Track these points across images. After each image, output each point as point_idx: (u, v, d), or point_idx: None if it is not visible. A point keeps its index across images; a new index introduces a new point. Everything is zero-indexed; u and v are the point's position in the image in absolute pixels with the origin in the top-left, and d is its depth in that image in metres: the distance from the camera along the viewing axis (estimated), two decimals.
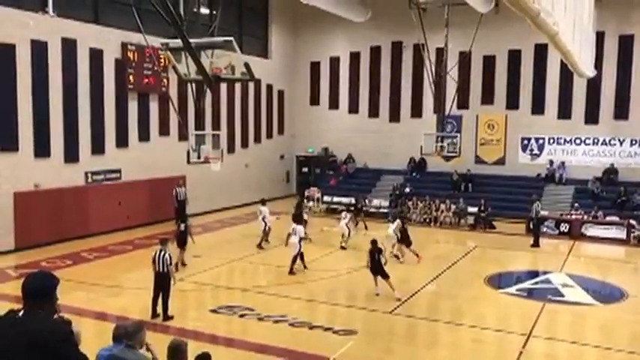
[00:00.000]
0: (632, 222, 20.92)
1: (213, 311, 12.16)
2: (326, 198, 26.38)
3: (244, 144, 27.64)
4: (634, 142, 24.86)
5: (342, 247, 18.42)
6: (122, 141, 20.98)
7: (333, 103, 30.52)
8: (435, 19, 24.66)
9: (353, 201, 23.76)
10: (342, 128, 30.00)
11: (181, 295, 13.55)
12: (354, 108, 30.04)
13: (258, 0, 28.52)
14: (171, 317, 11.59)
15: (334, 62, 30.27)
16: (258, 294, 13.55)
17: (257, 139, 28.65)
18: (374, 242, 13.69)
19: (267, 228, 18.60)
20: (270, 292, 13.70)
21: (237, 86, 26.08)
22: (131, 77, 20.87)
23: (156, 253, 11.72)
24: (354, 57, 29.73)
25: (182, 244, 15.74)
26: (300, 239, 15.65)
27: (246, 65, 13.04)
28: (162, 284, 11.59)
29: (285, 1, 25.45)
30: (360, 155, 29.38)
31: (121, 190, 20.65)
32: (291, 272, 15.29)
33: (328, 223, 22.08)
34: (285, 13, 29.69)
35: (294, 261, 15.41)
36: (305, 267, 15.69)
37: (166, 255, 11.65)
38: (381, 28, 27.99)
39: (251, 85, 26.55)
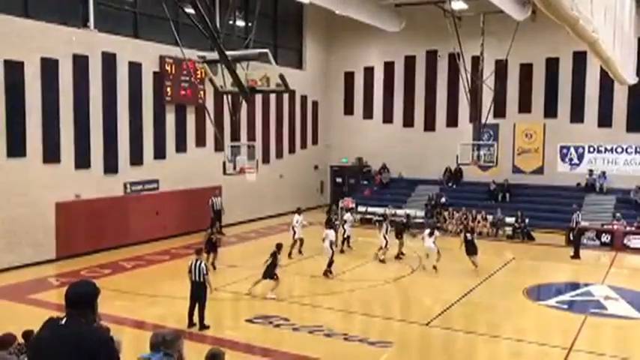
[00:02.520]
0: None
1: (249, 321, 12.20)
2: (360, 208, 26.28)
3: (279, 154, 27.82)
4: None
5: (381, 261, 17.76)
6: (160, 152, 21.36)
7: (368, 113, 30.47)
8: (470, 27, 24.48)
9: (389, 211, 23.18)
10: (376, 138, 29.92)
11: (217, 304, 13.64)
12: (388, 118, 29.94)
13: (293, 12, 28.76)
14: (208, 327, 11.67)
15: (368, 72, 30.27)
16: (293, 304, 13.56)
17: (291, 150, 28.80)
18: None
19: (296, 237, 18.61)
20: (305, 302, 13.70)
21: (272, 97, 26.32)
22: (169, 89, 21.26)
23: (192, 263, 11.85)
24: (388, 67, 29.67)
25: (210, 249, 16.16)
26: (331, 243, 15.91)
27: (281, 77, 13.14)
28: (198, 294, 11.69)
29: (319, 12, 25.60)
30: (394, 165, 29.24)
31: (159, 200, 20.98)
32: (325, 274, 15.66)
33: (362, 233, 21.96)
34: (319, 25, 29.87)
35: (329, 264, 15.74)
36: (329, 273, 15.83)
37: (202, 264, 11.78)
38: (416, 38, 27.89)
39: (286, 96, 26.76)
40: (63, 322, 3.37)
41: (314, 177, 30.54)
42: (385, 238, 18.03)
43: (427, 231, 17.13)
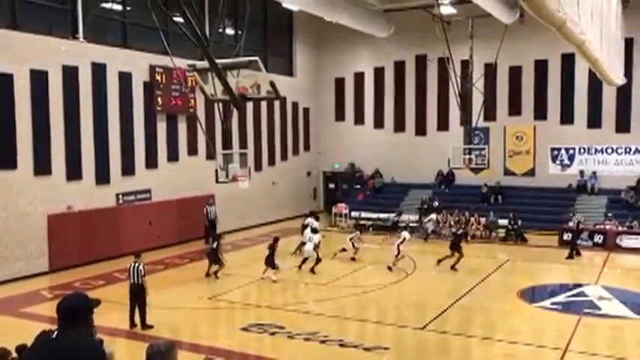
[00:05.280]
0: None
1: (244, 329, 12.16)
2: (354, 213, 26.28)
3: (271, 162, 27.82)
4: None
5: (389, 268, 17.29)
6: (152, 162, 21.30)
7: (359, 119, 30.56)
8: (459, 31, 24.64)
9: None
10: (368, 143, 29.99)
11: (212, 313, 13.63)
12: (379, 123, 30.03)
13: (282, 19, 28.83)
14: (151, 326, 11.87)
15: (359, 78, 30.36)
16: (288, 311, 13.52)
17: (284, 157, 28.80)
18: None
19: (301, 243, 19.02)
20: (301, 310, 13.68)
21: (264, 105, 26.34)
22: (159, 99, 21.23)
23: (131, 265, 12.24)
24: (379, 72, 29.79)
25: (213, 260, 16.53)
26: (315, 247, 16.96)
27: (272, 84, 13.17)
28: (136, 295, 12.05)
29: (309, 19, 25.66)
30: (387, 170, 29.29)
31: (151, 210, 20.91)
32: (312, 270, 16.79)
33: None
34: (308, 32, 29.95)
35: (316, 263, 16.86)
36: (312, 272, 16.82)
37: (140, 267, 12.15)
38: (405, 43, 28.02)
39: (277, 103, 26.78)
40: (54, 335, 3.35)
41: (307, 183, 30.55)
42: (399, 248, 17.35)
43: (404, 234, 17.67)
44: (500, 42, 21.36)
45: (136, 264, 12.21)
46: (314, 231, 18.57)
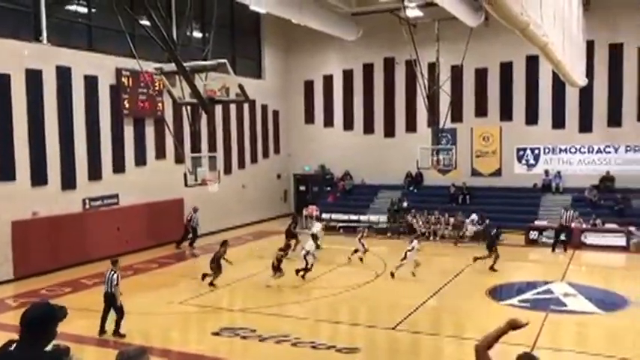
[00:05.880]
0: (631, 229, 20.94)
1: (215, 334, 12.08)
2: (324, 215, 26.34)
3: (241, 165, 27.69)
4: (628, 148, 25.00)
5: (391, 273, 16.64)
6: (119, 166, 21.00)
7: (328, 121, 30.67)
8: (425, 34, 24.95)
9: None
10: (337, 145, 30.11)
11: (183, 318, 13.50)
12: (348, 125, 30.19)
13: (250, 22, 28.76)
14: (123, 335, 11.68)
15: (328, 80, 30.47)
16: (260, 314, 13.49)
17: (253, 160, 28.71)
18: None
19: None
20: (273, 312, 13.65)
21: (232, 108, 26.23)
22: (126, 102, 20.95)
23: (106, 273, 12.11)
24: (347, 75, 29.94)
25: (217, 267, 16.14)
26: (307, 253, 16.53)
27: (240, 87, 13.11)
28: (109, 304, 11.97)
29: (277, 21, 25.65)
30: (357, 171, 29.44)
31: (120, 215, 20.61)
32: (297, 273, 16.53)
33: (327, 240, 21.98)
34: (277, 34, 29.93)
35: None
36: (302, 274, 16.55)
37: (114, 275, 11.98)
38: (373, 45, 28.23)
39: (246, 106, 26.70)
40: (13, 347, 3.25)
41: (277, 186, 30.51)
42: (406, 254, 16.55)
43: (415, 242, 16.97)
44: (466, 44, 21.68)
45: (111, 272, 12.02)
46: (313, 237, 17.89)
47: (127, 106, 20.97)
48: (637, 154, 24.88)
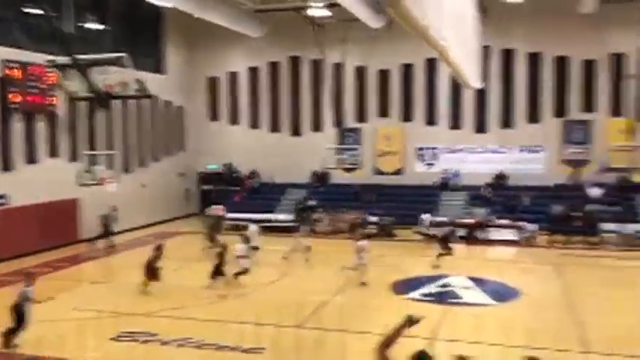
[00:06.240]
0: (522, 224, 22.26)
1: (114, 339, 11.53)
2: (231, 215, 25.96)
3: (142, 163, 26.71)
4: (519, 148, 26.64)
5: (362, 283, 15.99)
6: (7, 164, 19.58)
7: (234, 119, 30.30)
8: (331, 34, 25.22)
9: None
10: (244, 143, 29.81)
11: (80, 324, 12.77)
12: (254, 123, 29.98)
13: (151, 14, 27.72)
14: (16, 345, 11.09)
15: (233, 77, 30.08)
16: (163, 317, 13.05)
17: (155, 158, 27.78)
18: None
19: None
20: (175, 315, 13.25)
21: (133, 103, 25.18)
22: (14, 96, 19.54)
23: (22, 289, 11.53)
24: (253, 72, 29.71)
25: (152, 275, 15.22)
26: (241, 256, 15.85)
27: (140, 81, 12.62)
28: (18, 315, 11.31)
29: (180, 15, 24.89)
30: (264, 170, 29.26)
31: (9, 216, 19.23)
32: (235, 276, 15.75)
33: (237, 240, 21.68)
34: (179, 28, 29.07)
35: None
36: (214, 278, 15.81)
37: (25, 289, 11.43)
38: (279, 44, 28.19)
39: (147, 101, 25.75)
40: None
41: (180, 185, 29.69)
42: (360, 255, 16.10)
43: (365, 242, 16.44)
44: (370, 46, 22.15)
45: (26, 287, 11.45)
46: (245, 239, 16.87)
47: (15, 100, 19.56)
48: (528, 154, 26.57)
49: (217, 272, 15.45)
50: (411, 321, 4.36)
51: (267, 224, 23.80)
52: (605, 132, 25.42)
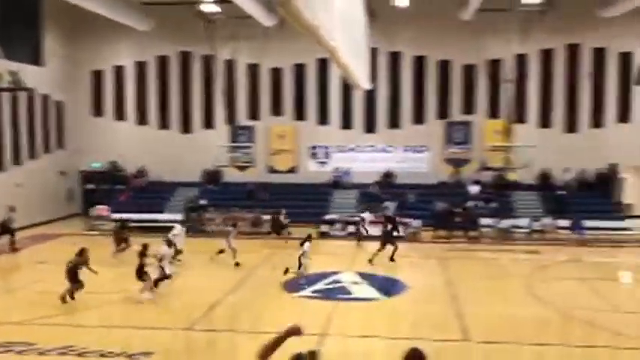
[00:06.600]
0: (407, 220, 23.17)
1: None
2: (117, 215, 24.82)
3: (16, 161, 24.85)
4: (406, 148, 27.77)
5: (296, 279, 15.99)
6: None
7: (120, 115, 29.06)
8: (223, 31, 24.88)
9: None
10: (131, 140, 28.67)
11: None
12: (142, 119, 28.93)
13: (28, 3, 25.82)
14: None
15: (119, 71, 28.83)
16: (43, 326, 12.21)
17: (32, 155, 25.97)
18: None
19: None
20: (57, 323, 12.46)
21: (5, 97, 23.32)
22: None
23: None
24: (140, 66, 28.64)
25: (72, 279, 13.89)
26: (161, 259, 14.87)
27: (13, 73, 11.74)
28: None
29: (60, 4, 23.41)
30: (153, 168, 28.29)
31: None
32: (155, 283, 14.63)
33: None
34: (60, 17, 27.31)
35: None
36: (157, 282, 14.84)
37: None
38: (168, 38, 27.41)
39: (23, 95, 24.02)
40: None
41: (61, 184, 27.96)
42: (300, 260, 15.84)
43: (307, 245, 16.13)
44: (262, 44, 22.09)
45: None
46: (168, 242, 15.83)
47: None
48: (413, 154, 27.76)
49: (142, 273, 14.61)
50: (292, 333, 4.41)
51: (155, 224, 22.95)
52: (483, 133, 27.13)
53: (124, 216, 24.19)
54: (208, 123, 28.43)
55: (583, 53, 26.45)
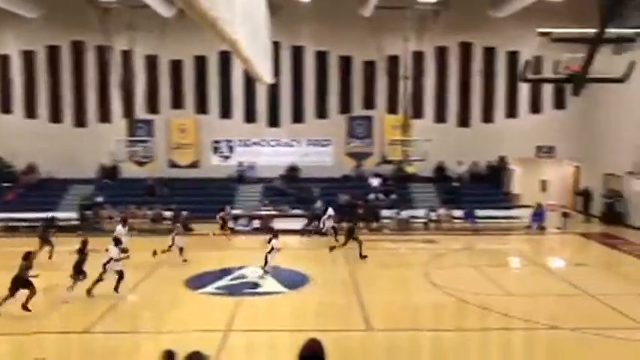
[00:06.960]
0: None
1: None
2: (3, 215, 23.23)
3: None
4: (309, 142, 28.00)
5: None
6: None
7: (5, 107, 27.17)
8: (118, 20, 23.87)
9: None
10: (18, 135, 26.89)
11: None
12: (31, 112, 27.21)
13: None
14: None
15: (4, 61, 26.93)
16: None
17: None
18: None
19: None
20: None
21: None
22: None
23: None
24: (28, 56, 26.89)
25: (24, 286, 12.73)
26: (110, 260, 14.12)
27: None
28: None
29: None
30: (43, 164, 26.67)
31: None
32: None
33: (5, 243, 19.49)
34: None
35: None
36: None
37: None
38: (59, 26, 25.94)
39: None
40: None
41: None
42: (267, 257, 16.28)
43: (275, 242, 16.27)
44: (161, 35, 21.44)
45: None
46: (116, 241, 14.78)
47: None
48: (316, 148, 28.05)
49: (79, 271, 13.72)
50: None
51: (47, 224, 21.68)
52: (383, 127, 27.92)
53: (14, 215, 22.82)
54: (104, 116, 27.20)
55: (475, 52, 27.87)
